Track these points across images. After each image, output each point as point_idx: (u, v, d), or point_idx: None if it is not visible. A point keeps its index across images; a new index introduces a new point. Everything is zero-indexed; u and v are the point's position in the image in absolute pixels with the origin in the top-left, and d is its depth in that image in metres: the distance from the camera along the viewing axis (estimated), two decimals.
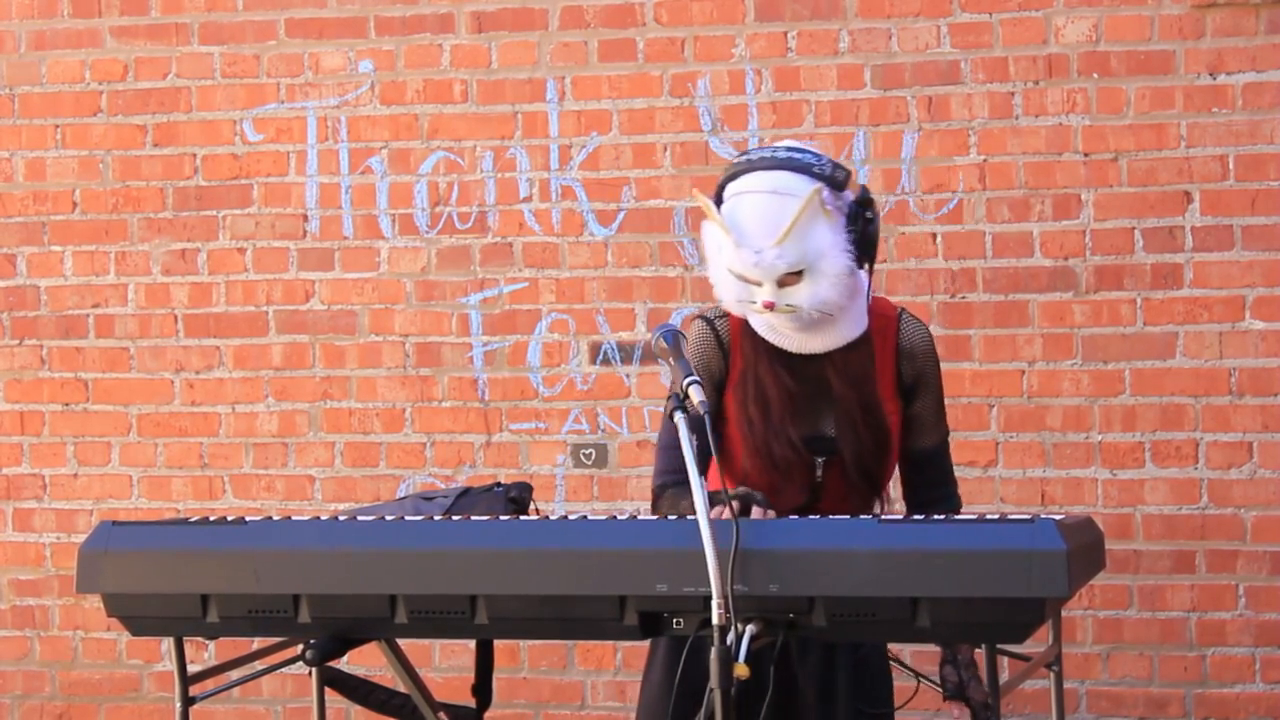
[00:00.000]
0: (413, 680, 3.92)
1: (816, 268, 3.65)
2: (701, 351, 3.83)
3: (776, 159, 3.69)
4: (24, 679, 6.22)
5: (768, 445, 3.75)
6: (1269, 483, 5.50)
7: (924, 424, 3.86)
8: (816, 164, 3.69)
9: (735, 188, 3.71)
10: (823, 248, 3.65)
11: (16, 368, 6.19)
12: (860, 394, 3.75)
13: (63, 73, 6.14)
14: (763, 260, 3.63)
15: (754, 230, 3.64)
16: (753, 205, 3.66)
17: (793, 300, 3.67)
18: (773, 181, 3.67)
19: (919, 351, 3.85)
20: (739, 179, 3.71)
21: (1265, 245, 5.49)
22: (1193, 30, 5.51)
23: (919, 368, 3.85)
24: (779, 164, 3.68)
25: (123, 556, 3.58)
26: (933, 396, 3.87)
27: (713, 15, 5.76)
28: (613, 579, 3.36)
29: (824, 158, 3.71)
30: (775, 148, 3.74)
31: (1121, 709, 5.61)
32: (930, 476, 3.89)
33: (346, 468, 6.00)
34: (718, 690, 3.17)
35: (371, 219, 5.98)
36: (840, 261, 3.66)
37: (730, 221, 3.67)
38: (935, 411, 3.88)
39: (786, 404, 3.74)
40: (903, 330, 3.84)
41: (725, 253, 3.69)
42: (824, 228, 3.65)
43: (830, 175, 3.68)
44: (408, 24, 5.94)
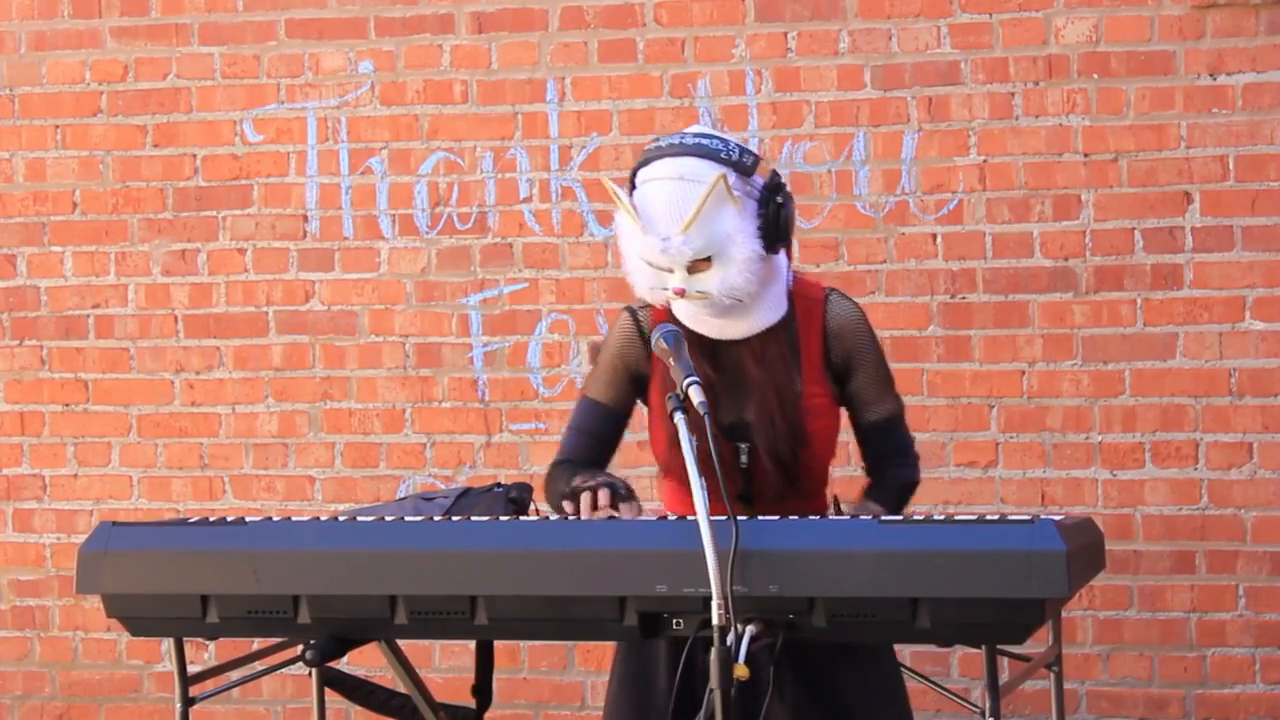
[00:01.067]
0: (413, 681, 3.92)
1: (725, 253, 3.65)
2: (621, 342, 3.86)
3: (684, 145, 3.69)
4: (24, 679, 6.22)
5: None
6: (1269, 483, 5.50)
7: (865, 399, 3.83)
8: (723, 150, 3.69)
9: (644, 175, 3.71)
10: (730, 233, 3.65)
11: (17, 368, 6.19)
12: (776, 380, 3.74)
13: (63, 73, 6.14)
14: (669, 247, 3.63)
15: (661, 217, 3.64)
16: (660, 192, 3.66)
17: (703, 286, 3.67)
18: (680, 168, 3.66)
19: (847, 329, 3.81)
20: (648, 166, 3.71)
21: (1265, 246, 5.50)
22: (1193, 31, 5.51)
23: (848, 345, 3.81)
24: (686, 150, 3.68)
25: (123, 557, 3.58)
26: (869, 371, 3.83)
27: (713, 16, 5.76)
28: (612, 580, 3.36)
29: (731, 143, 3.71)
30: (684, 134, 3.74)
31: (1121, 709, 5.61)
32: (880, 448, 3.87)
33: (346, 468, 6.01)
34: (718, 690, 3.17)
35: (372, 219, 5.98)
36: (748, 247, 3.66)
37: (640, 209, 3.67)
38: (876, 385, 3.84)
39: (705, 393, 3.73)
40: (829, 310, 3.81)
41: (635, 240, 3.70)
42: (731, 213, 3.65)
43: (737, 161, 3.68)
44: (408, 24, 5.94)
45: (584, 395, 3.91)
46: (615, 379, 3.86)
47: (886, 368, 3.88)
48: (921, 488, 5.64)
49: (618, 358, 3.85)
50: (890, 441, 3.88)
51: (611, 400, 3.87)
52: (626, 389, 3.86)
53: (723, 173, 3.63)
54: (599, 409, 3.87)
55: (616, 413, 3.87)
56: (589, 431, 3.87)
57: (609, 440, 3.88)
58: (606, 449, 3.89)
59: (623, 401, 3.87)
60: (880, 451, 3.88)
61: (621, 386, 3.86)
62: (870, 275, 5.68)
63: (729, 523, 3.25)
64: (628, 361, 3.85)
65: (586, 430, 3.88)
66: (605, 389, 3.87)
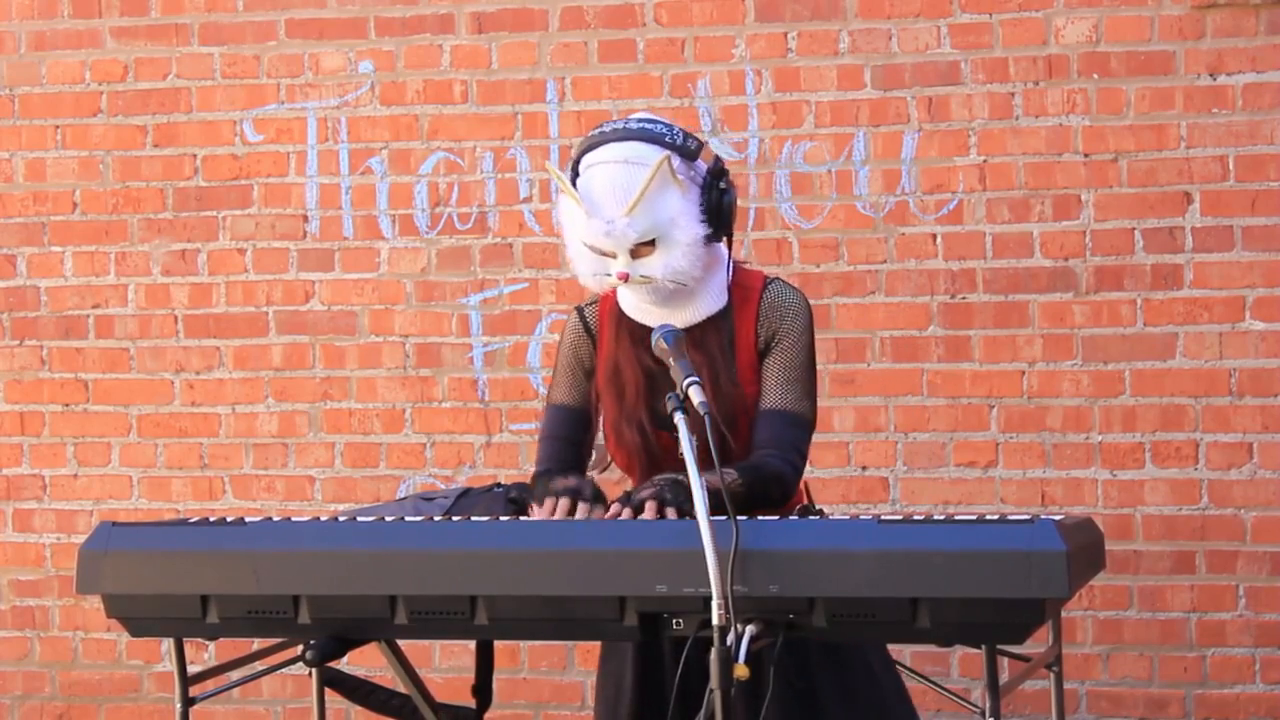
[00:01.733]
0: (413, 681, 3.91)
1: (669, 236, 3.67)
2: (571, 342, 3.89)
3: (628, 130, 3.71)
4: (24, 679, 6.22)
5: (619, 429, 3.78)
6: (1269, 483, 5.50)
7: (765, 386, 3.75)
8: (668, 134, 3.71)
9: (589, 160, 3.73)
10: (674, 216, 3.67)
11: (17, 368, 6.19)
12: (713, 369, 3.72)
13: (63, 73, 6.14)
14: (614, 230, 3.65)
15: (605, 200, 3.66)
16: (604, 175, 3.68)
17: (646, 271, 3.68)
18: (624, 152, 3.69)
19: (777, 312, 3.78)
20: (592, 151, 3.73)
21: (1265, 246, 5.50)
22: (1193, 31, 5.51)
23: (774, 325, 3.77)
24: (630, 134, 3.70)
25: (123, 557, 3.58)
26: (781, 359, 3.76)
27: (713, 16, 5.76)
28: (612, 580, 3.36)
29: (675, 128, 3.73)
30: (628, 119, 3.76)
31: (1121, 709, 5.61)
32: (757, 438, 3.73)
33: (346, 468, 6.01)
34: (718, 691, 3.17)
35: (371, 219, 5.98)
36: (692, 230, 3.68)
37: (584, 193, 3.69)
38: (781, 374, 3.75)
39: (643, 387, 3.74)
40: (765, 294, 3.79)
41: (579, 225, 3.71)
42: (675, 196, 3.67)
43: (681, 145, 3.70)
44: (408, 24, 5.94)
45: (549, 403, 3.94)
46: (574, 379, 3.90)
47: (804, 365, 3.78)
48: (922, 487, 5.70)
49: (572, 358, 3.89)
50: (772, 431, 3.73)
51: (575, 401, 3.90)
52: (587, 385, 3.89)
53: (666, 155, 3.66)
54: (565, 412, 3.90)
55: (582, 412, 3.90)
56: (560, 437, 3.90)
57: (581, 440, 3.90)
58: (581, 449, 3.91)
59: (585, 399, 3.90)
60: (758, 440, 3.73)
61: (581, 386, 3.89)
62: (870, 275, 5.68)
63: (729, 523, 3.25)
64: (581, 360, 3.89)
65: (557, 436, 3.90)
66: (567, 391, 3.91)
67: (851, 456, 5.69)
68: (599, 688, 3.94)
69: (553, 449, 3.90)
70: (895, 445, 5.68)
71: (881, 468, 5.68)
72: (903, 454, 5.67)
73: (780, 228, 5.73)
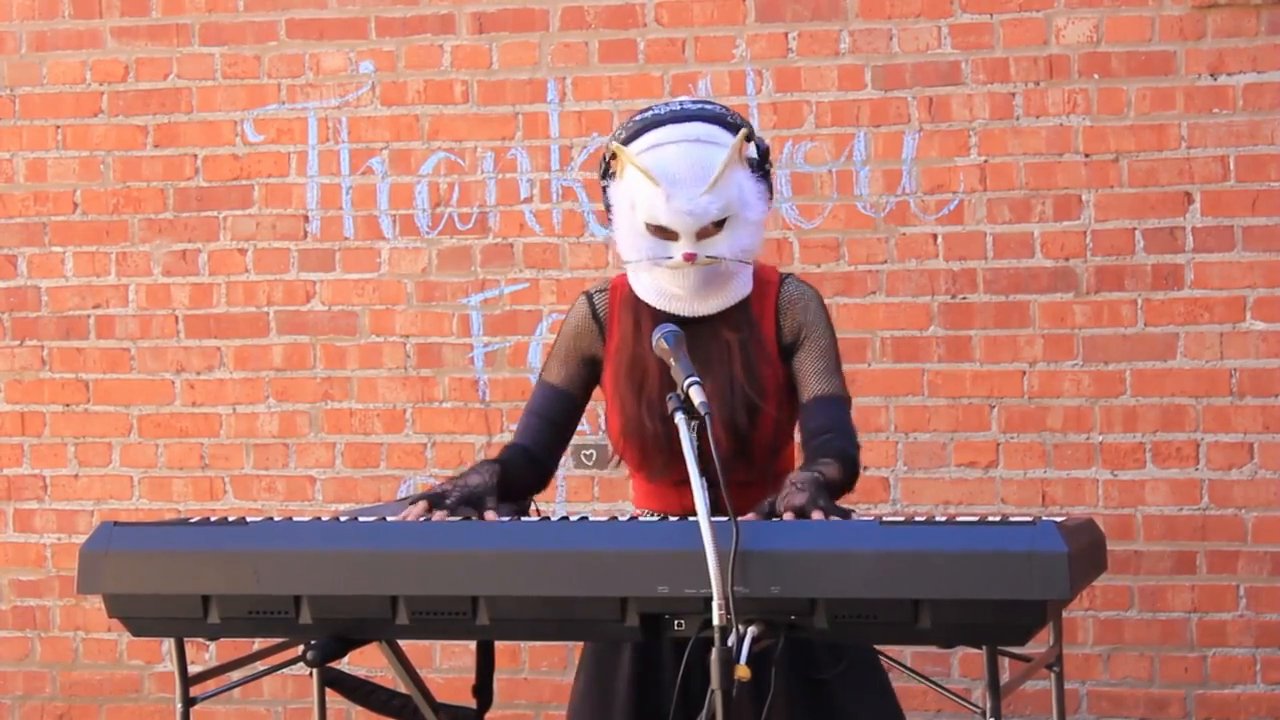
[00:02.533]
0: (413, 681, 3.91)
1: (740, 215, 3.68)
2: (575, 326, 3.88)
3: (687, 111, 3.72)
4: (25, 679, 6.22)
5: (640, 422, 3.76)
6: (1270, 483, 5.50)
7: (806, 376, 3.78)
8: (726, 114, 3.74)
9: (650, 140, 3.70)
10: (745, 196, 3.69)
11: (17, 368, 6.20)
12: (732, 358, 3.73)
13: (63, 73, 6.14)
14: (696, 207, 3.65)
15: (686, 177, 3.65)
16: (680, 154, 3.66)
17: (714, 250, 3.68)
18: (694, 131, 3.69)
19: (798, 306, 3.80)
20: (651, 132, 3.71)
21: (1266, 246, 5.50)
22: (1193, 31, 5.51)
23: (799, 321, 3.79)
24: (690, 115, 3.71)
25: (123, 557, 3.58)
26: (815, 350, 3.78)
27: (713, 16, 5.76)
28: (614, 580, 3.36)
29: (727, 109, 3.75)
30: (681, 101, 3.78)
31: (1122, 710, 5.61)
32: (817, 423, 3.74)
33: (347, 468, 6.01)
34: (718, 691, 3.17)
35: (372, 220, 5.98)
36: (759, 209, 3.72)
37: (657, 172, 3.67)
38: (819, 363, 3.78)
39: (662, 380, 3.72)
40: (783, 290, 3.81)
41: (646, 206, 3.68)
42: (744, 176, 3.71)
43: (739, 124, 3.73)
44: (408, 25, 5.94)
45: (540, 378, 3.95)
46: (568, 362, 3.90)
47: (836, 354, 3.82)
48: (922, 488, 5.70)
49: (571, 341, 3.89)
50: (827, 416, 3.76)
51: (564, 383, 3.90)
52: (580, 373, 3.89)
53: (744, 131, 3.69)
54: (552, 392, 3.90)
55: (569, 395, 3.90)
56: (541, 414, 3.90)
57: (561, 422, 3.90)
58: (559, 430, 3.91)
59: (576, 384, 3.90)
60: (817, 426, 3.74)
61: (574, 370, 3.89)
62: (871, 275, 5.68)
63: (730, 523, 3.25)
64: (580, 346, 3.88)
65: (539, 413, 3.91)
66: (559, 372, 3.90)
67: None
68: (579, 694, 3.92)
69: (529, 424, 3.91)
70: (896, 445, 5.68)
71: (882, 468, 5.68)
72: (903, 454, 5.67)
73: (781, 228, 5.73)
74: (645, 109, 3.79)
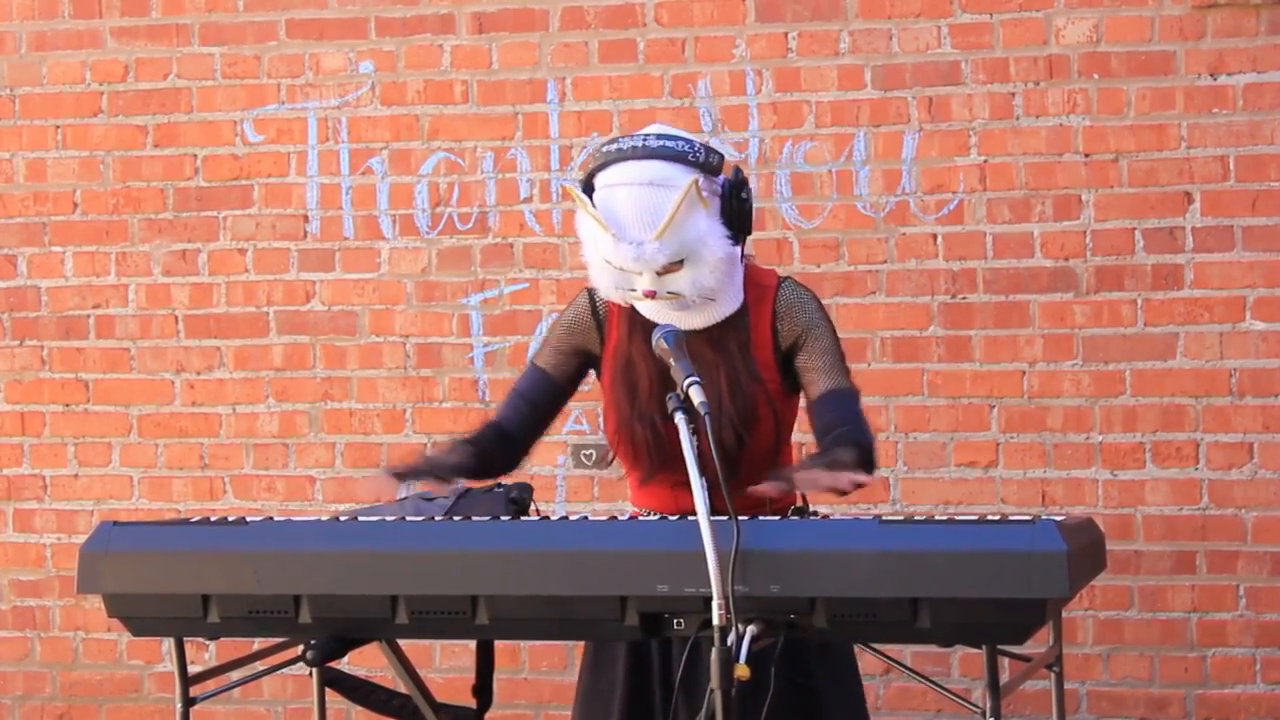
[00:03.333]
0: (413, 681, 3.92)
1: (697, 256, 3.65)
2: (573, 320, 3.90)
3: (649, 148, 3.66)
4: (25, 679, 6.22)
5: (631, 426, 3.77)
6: (1269, 483, 5.50)
7: (812, 374, 3.77)
8: (690, 151, 3.66)
9: (608, 178, 3.68)
10: (701, 236, 3.64)
11: (17, 368, 6.20)
12: (729, 366, 3.73)
13: (63, 73, 6.14)
14: (643, 254, 3.63)
15: (632, 223, 3.63)
16: (629, 198, 3.64)
17: (674, 288, 3.67)
18: (648, 172, 3.64)
19: (795, 307, 3.79)
20: (611, 169, 3.68)
21: (1266, 246, 5.50)
22: (1193, 31, 5.51)
23: (797, 322, 3.79)
24: (652, 153, 3.66)
25: (123, 557, 3.58)
26: (817, 350, 3.78)
27: (713, 16, 5.76)
28: (613, 580, 3.36)
29: (696, 143, 3.68)
30: (646, 135, 3.71)
31: (1122, 709, 5.61)
32: (828, 419, 3.75)
33: (347, 468, 6.01)
34: (718, 691, 3.17)
35: (372, 219, 5.98)
36: (720, 247, 3.67)
37: (606, 215, 3.65)
38: (823, 362, 3.77)
39: (656, 385, 3.73)
40: (780, 294, 3.80)
41: (602, 246, 3.68)
42: (701, 216, 3.65)
43: (704, 162, 3.66)
44: (408, 25, 5.94)
45: (530, 361, 3.98)
46: (561, 351, 3.92)
47: (839, 350, 3.82)
48: (922, 487, 5.70)
49: (566, 332, 3.91)
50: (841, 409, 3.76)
51: (553, 369, 3.92)
52: (570, 363, 3.91)
53: (695, 178, 3.62)
54: (540, 375, 3.93)
55: (556, 382, 3.92)
56: (525, 395, 3.93)
57: (543, 406, 3.93)
58: (540, 413, 3.93)
59: (564, 373, 3.91)
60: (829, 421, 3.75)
61: (566, 360, 3.91)
62: (871, 275, 5.68)
63: (730, 523, 3.25)
64: (575, 339, 3.90)
65: (523, 394, 3.94)
66: (550, 358, 3.93)
67: None
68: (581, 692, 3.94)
69: (511, 403, 3.94)
70: (895, 445, 5.68)
71: (882, 468, 5.68)
72: (903, 454, 5.67)
73: (781, 228, 5.73)
74: (611, 141, 3.75)
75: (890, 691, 5.65)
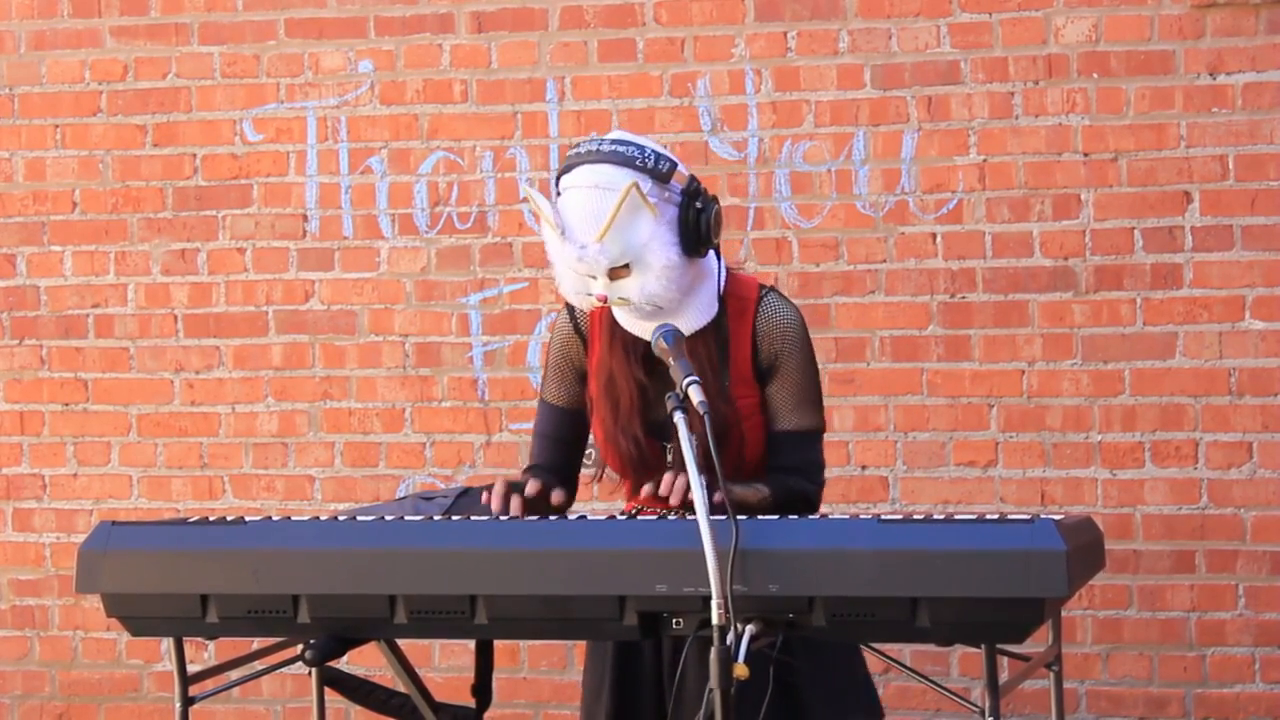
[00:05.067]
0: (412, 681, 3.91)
1: (642, 261, 3.64)
2: (561, 342, 3.89)
3: (600, 152, 3.67)
4: (24, 679, 6.22)
5: (615, 439, 3.78)
6: (1269, 483, 5.50)
7: (777, 408, 3.77)
8: (639, 156, 3.66)
9: (565, 182, 3.70)
10: (646, 241, 3.64)
11: (16, 368, 6.19)
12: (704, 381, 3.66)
13: (63, 73, 6.14)
14: (586, 255, 3.63)
15: (577, 225, 3.64)
16: (576, 200, 3.65)
17: (623, 293, 3.67)
18: (595, 176, 3.65)
19: (777, 332, 3.78)
20: (569, 173, 3.70)
21: (1265, 245, 5.50)
22: (1193, 30, 5.51)
23: (776, 349, 3.77)
24: (602, 157, 3.66)
25: (122, 556, 3.58)
26: (790, 381, 3.78)
27: (713, 15, 5.76)
28: (612, 579, 3.36)
29: (648, 149, 3.68)
30: (601, 140, 3.72)
31: (1121, 709, 5.61)
32: (778, 462, 3.76)
33: (346, 468, 6.01)
34: (718, 690, 3.17)
35: (371, 219, 5.98)
36: (666, 254, 3.65)
37: (561, 216, 3.67)
38: (793, 397, 3.78)
39: (636, 398, 3.74)
40: (761, 311, 3.78)
41: (555, 248, 3.70)
42: (646, 221, 3.64)
43: (652, 168, 3.65)
44: (408, 24, 5.94)
45: (540, 398, 3.96)
46: (564, 379, 3.91)
47: (814, 382, 3.81)
48: (921, 487, 5.70)
49: (561, 358, 3.90)
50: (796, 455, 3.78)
51: (564, 401, 3.91)
52: (576, 386, 3.89)
53: (634, 180, 3.62)
54: (554, 412, 3.92)
55: (572, 412, 3.90)
56: (549, 435, 3.93)
57: (571, 439, 3.92)
58: (570, 448, 3.92)
59: (576, 400, 3.90)
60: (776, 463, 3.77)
61: (570, 385, 3.90)
62: (870, 275, 5.68)
63: (729, 522, 3.25)
64: (570, 359, 3.89)
65: (547, 434, 3.93)
66: (556, 390, 3.92)
67: (851, 456, 5.69)
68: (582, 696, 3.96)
69: (540, 446, 3.94)
70: (895, 445, 5.68)
71: (881, 467, 5.68)
72: (902, 453, 5.67)
73: (780, 227, 5.73)
74: (574, 146, 3.76)
75: (890, 691, 5.64)
